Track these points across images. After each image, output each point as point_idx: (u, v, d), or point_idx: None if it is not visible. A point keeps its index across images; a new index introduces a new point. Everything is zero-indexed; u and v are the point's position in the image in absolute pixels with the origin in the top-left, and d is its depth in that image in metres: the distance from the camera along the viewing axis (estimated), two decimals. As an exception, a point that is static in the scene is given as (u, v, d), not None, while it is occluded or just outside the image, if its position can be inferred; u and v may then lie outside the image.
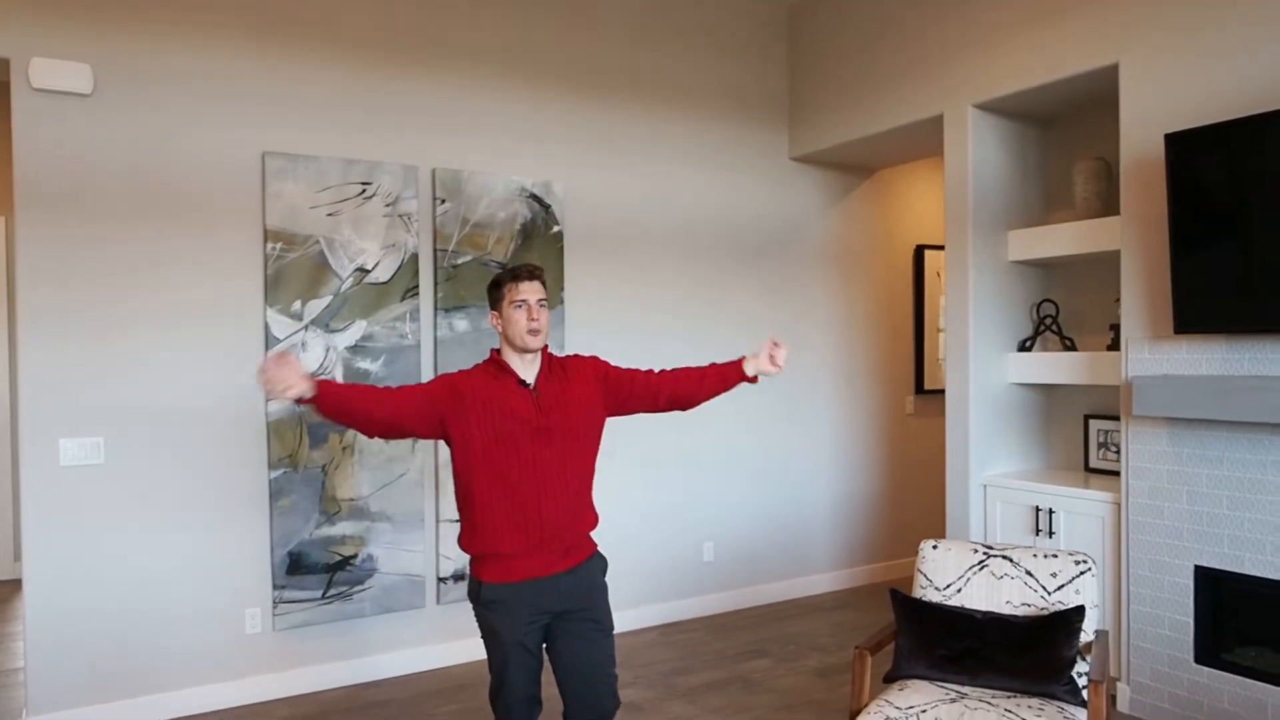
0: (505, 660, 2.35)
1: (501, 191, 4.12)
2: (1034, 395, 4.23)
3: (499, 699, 2.40)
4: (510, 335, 2.37)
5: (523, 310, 2.34)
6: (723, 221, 4.83)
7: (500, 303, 2.38)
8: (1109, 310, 3.98)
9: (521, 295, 2.35)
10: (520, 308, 2.34)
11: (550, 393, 2.40)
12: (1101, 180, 3.83)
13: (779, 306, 5.02)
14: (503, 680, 2.37)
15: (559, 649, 2.40)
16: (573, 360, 2.51)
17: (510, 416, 2.32)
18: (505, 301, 2.36)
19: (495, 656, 2.38)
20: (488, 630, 2.37)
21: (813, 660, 4.10)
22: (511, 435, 2.31)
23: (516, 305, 2.35)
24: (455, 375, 2.37)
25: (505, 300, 2.36)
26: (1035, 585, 2.78)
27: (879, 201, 5.40)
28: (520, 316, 2.34)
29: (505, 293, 2.37)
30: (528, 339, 2.34)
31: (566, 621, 2.39)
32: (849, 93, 4.62)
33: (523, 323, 2.34)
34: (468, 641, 4.09)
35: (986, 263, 4.06)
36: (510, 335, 2.37)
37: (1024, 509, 3.85)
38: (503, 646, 2.35)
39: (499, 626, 2.33)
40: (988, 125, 4.06)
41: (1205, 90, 3.17)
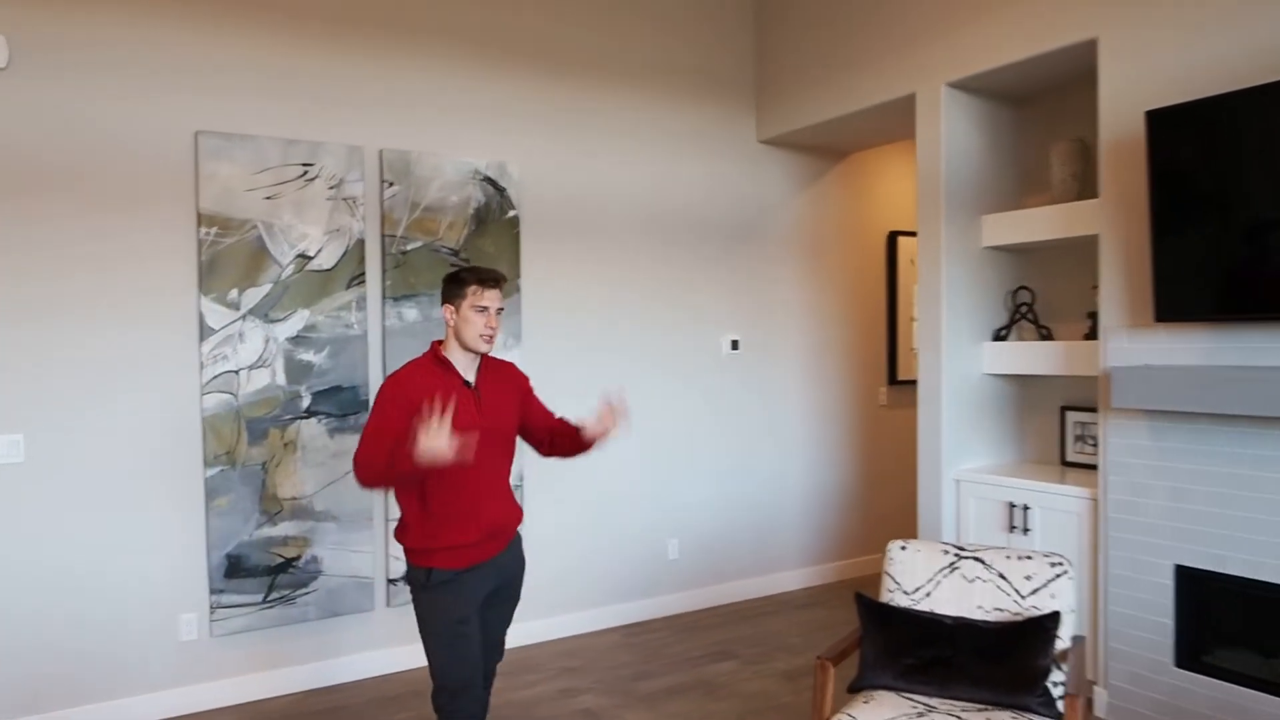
0: (454, 638, 2.37)
1: (453, 174, 3.91)
2: (1009, 386, 4.09)
3: (447, 688, 2.39)
4: (464, 336, 2.40)
5: (483, 316, 2.39)
6: (688, 206, 4.65)
7: (459, 301, 2.40)
8: (1086, 298, 3.84)
9: (485, 301, 2.39)
10: (481, 312, 2.39)
11: (488, 393, 2.49)
12: (1079, 162, 3.68)
13: (747, 294, 4.85)
14: (450, 662, 2.37)
15: (484, 619, 2.54)
16: (504, 365, 2.61)
17: (458, 418, 2.37)
18: (466, 302, 2.39)
19: (441, 641, 2.38)
20: (436, 614, 2.38)
21: (780, 662, 3.95)
22: (458, 435, 2.33)
23: (478, 309, 2.39)
24: (402, 386, 2.35)
25: (466, 300, 2.39)
26: (1009, 589, 2.63)
27: (851, 186, 5.24)
28: (479, 321, 2.39)
29: (468, 293, 2.39)
30: (480, 343, 2.41)
31: (498, 595, 2.55)
32: (818, 71, 4.44)
33: (480, 327, 2.39)
34: (421, 645, 3.91)
35: (960, 249, 3.90)
36: (464, 336, 2.40)
37: (998, 505, 3.71)
38: (452, 625, 2.37)
39: (451, 605, 2.37)
40: (961, 105, 3.90)
41: (1187, 66, 3.01)
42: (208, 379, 3.42)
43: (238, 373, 3.47)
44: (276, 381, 3.54)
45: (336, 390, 3.66)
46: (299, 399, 3.59)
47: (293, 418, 3.58)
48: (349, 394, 3.69)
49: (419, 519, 2.41)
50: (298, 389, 3.58)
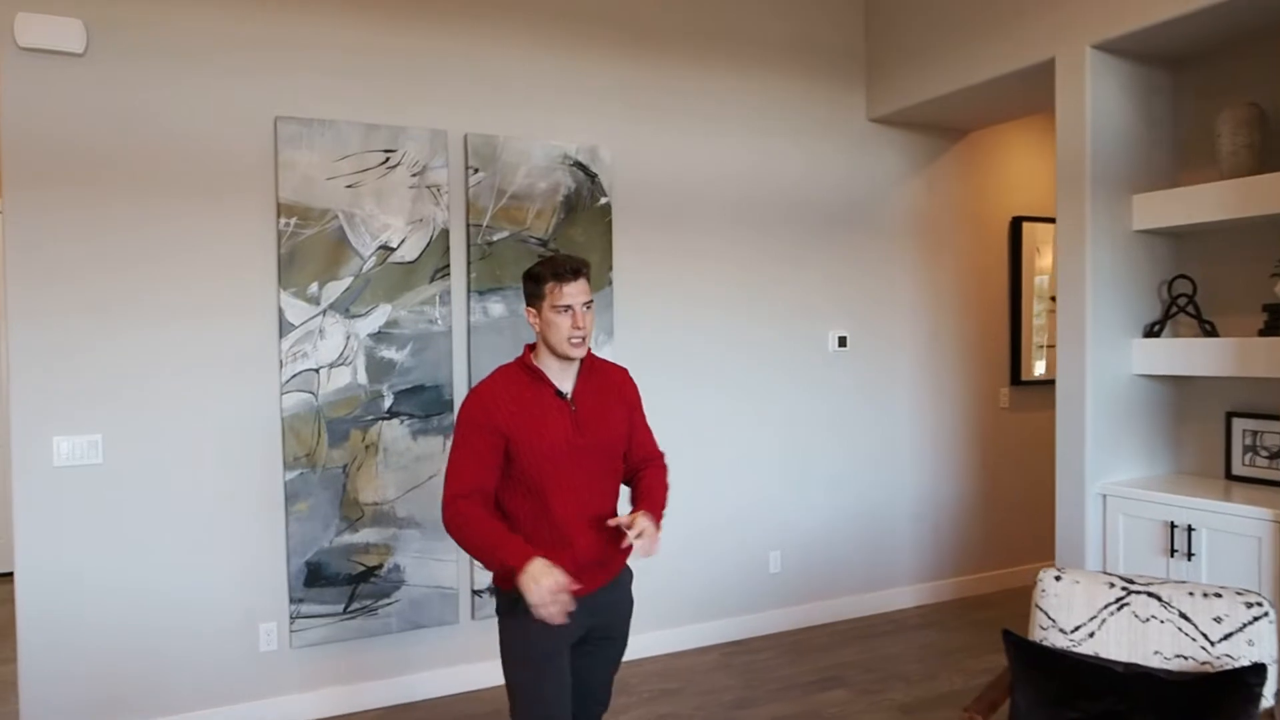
0: (538, 674, 2.07)
1: (541, 159, 3.66)
2: (1162, 389, 3.60)
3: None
4: (551, 341, 2.09)
5: (567, 316, 2.06)
6: (792, 191, 4.29)
7: (539, 302, 2.09)
8: (1261, 287, 3.33)
9: (566, 299, 2.06)
10: (564, 313, 2.06)
11: (588, 406, 2.16)
12: (1254, 130, 3.18)
13: (855, 286, 4.46)
14: (531, 700, 2.07)
15: (577, 665, 2.23)
16: (612, 369, 2.27)
17: (548, 434, 2.07)
18: (545, 303, 2.07)
19: (523, 675, 2.09)
20: (520, 643, 2.09)
21: (897, 693, 3.57)
22: (549, 455, 2.07)
23: (560, 310, 2.06)
24: (485, 403, 2.05)
25: (545, 301, 2.07)
26: (1194, 633, 2.21)
27: (970, 167, 4.78)
28: (564, 323, 2.06)
29: (546, 292, 2.07)
30: (570, 349, 2.08)
31: (592, 637, 2.22)
32: (937, 40, 4.02)
33: (566, 330, 2.06)
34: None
35: (1106, 232, 3.44)
36: (551, 341, 2.09)
37: (1154, 525, 3.25)
38: (536, 659, 2.08)
39: (538, 636, 2.06)
40: (1109, 69, 3.43)
41: None
42: (287, 377, 3.25)
43: (318, 371, 3.29)
44: (358, 380, 3.35)
45: (419, 390, 3.46)
46: (381, 399, 3.39)
47: (374, 418, 3.38)
48: (432, 394, 3.47)
49: None
50: (379, 388, 3.39)
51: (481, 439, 2.02)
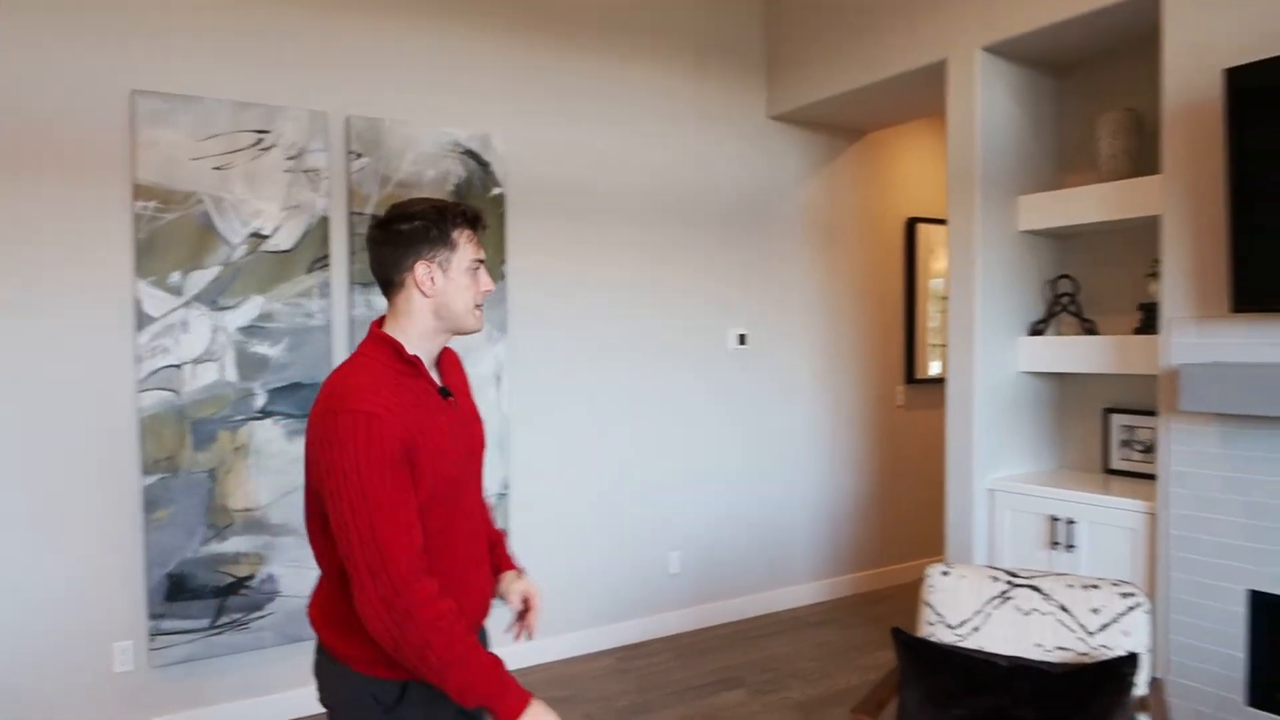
0: None
1: (430, 146, 3.50)
2: (1046, 386, 3.69)
3: None
4: (454, 310, 1.53)
5: (481, 275, 1.55)
6: (691, 187, 4.24)
7: (448, 255, 1.51)
8: (1138, 287, 3.44)
9: (480, 254, 1.56)
10: (478, 269, 1.55)
11: (461, 401, 1.65)
12: (1131, 135, 3.28)
13: (756, 284, 4.44)
14: None
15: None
16: (448, 351, 1.70)
17: (448, 447, 1.53)
18: (456, 257, 1.52)
19: None
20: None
21: (794, 691, 3.55)
22: (451, 474, 1.54)
23: (472, 268, 1.54)
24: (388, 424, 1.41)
25: (456, 255, 1.52)
26: (1072, 624, 2.23)
27: (868, 168, 4.84)
28: (475, 285, 1.54)
29: (460, 242, 1.52)
30: (476, 321, 1.56)
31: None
32: (834, 38, 4.03)
33: (475, 294, 1.54)
34: (391, 673, 3.50)
35: (995, 233, 3.50)
36: (454, 310, 1.53)
37: (1038, 518, 3.31)
38: None
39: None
40: (998, 73, 3.49)
41: (1272, 16, 2.61)
42: (145, 374, 3.00)
43: (180, 367, 3.05)
44: (226, 377, 3.13)
45: (296, 388, 3.25)
46: (252, 397, 3.17)
47: (245, 418, 3.16)
48: (310, 392, 3.27)
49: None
50: (251, 386, 3.17)
51: (402, 476, 1.42)
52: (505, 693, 1.44)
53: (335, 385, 1.45)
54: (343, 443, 1.39)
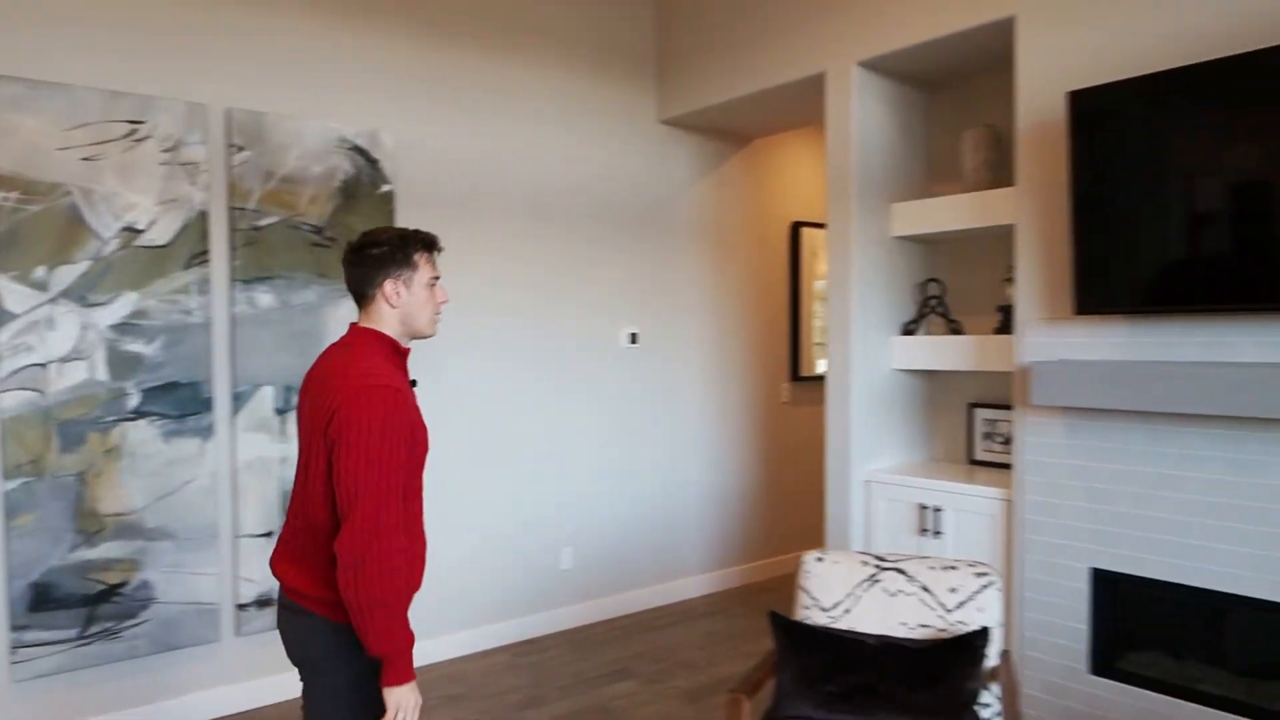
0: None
1: (316, 141, 3.44)
2: (917, 382, 3.92)
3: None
4: (418, 320, 1.88)
5: (438, 290, 1.91)
6: (585, 188, 4.30)
7: (411, 274, 1.86)
8: (998, 290, 3.70)
9: (436, 272, 1.91)
10: (436, 286, 1.90)
11: None
12: (991, 149, 3.53)
13: (647, 284, 4.54)
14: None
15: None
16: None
17: (425, 433, 1.87)
18: (419, 275, 1.87)
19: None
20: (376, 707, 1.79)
21: (682, 680, 3.66)
22: (422, 458, 1.86)
23: (432, 284, 1.89)
24: (410, 410, 1.75)
25: (419, 274, 1.86)
26: (933, 603, 2.41)
27: (755, 173, 5.01)
28: (433, 298, 1.90)
29: (420, 263, 1.87)
30: (434, 328, 1.92)
31: None
32: (723, 47, 4.17)
33: (434, 306, 1.90)
34: (277, 678, 3.43)
35: (870, 238, 3.70)
36: (418, 320, 1.88)
37: (909, 507, 3.53)
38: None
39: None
40: (873, 86, 3.69)
41: (1112, 45, 2.87)
42: (6, 374, 2.85)
43: (46, 366, 2.92)
44: (96, 377, 3.00)
45: (173, 387, 3.15)
46: (125, 397, 3.06)
47: (117, 419, 3.04)
48: (188, 391, 3.17)
49: None
50: (123, 386, 3.05)
51: (403, 454, 1.71)
52: (404, 655, 1.68)
53: (352, 367, 1.74)
54: (370, 407, 1.67)
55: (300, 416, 1.84)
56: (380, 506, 1.65)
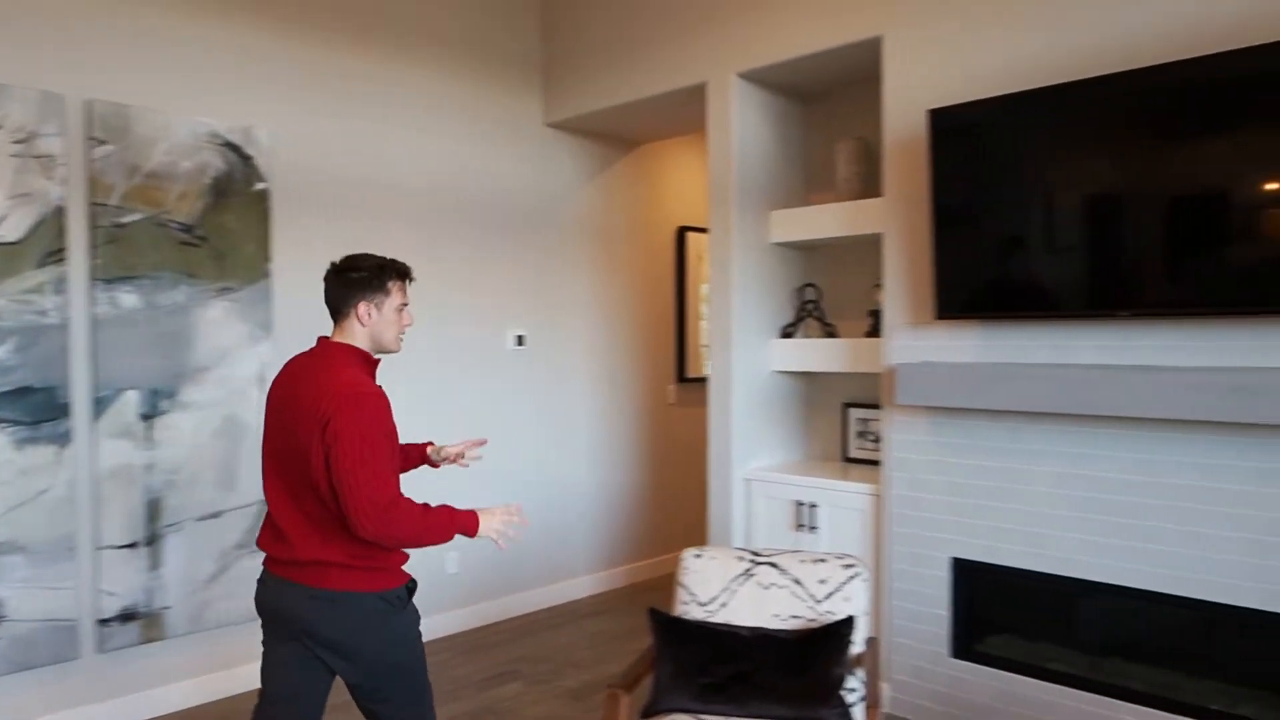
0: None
1: (186, 136, 3.31)
2: (796, 383, 4.07)
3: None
4: (385, 338, 2.16)
5: (405, 314, 2.19)
6: (469, 189, 4.28)
7: (382, 298, 2.13)
8: (869, 295, 3.88)
9: (406, 299, 2.19)
10: (403, 311, 2.19)
11: None
12: (863, 161, 3.71)
13: (534, 287, 4.56)
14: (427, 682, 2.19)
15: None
16: None
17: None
18: (390, 300, 2.14)
19: (421, 661, 2.16)
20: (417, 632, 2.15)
21: (569, 679, 3.69)
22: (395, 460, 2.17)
23: (400, 309, 2.17)
24: (385, 402, 2.03)
25: (391, 299, 2.14)
26: (804, 594, 2.52)
27: (641, 178, 5.09)
28: (400, 321, 2.18)
29: (393, 290, 2.15)
30: (398, 345, 2.21)
31: None
32: (608, 54, 4.23)
33: (399, 328, 2.19)
34: (143, 695, 3.28)
35: (750, 244, 3.83)
36: (385, 338, 2.16)
37: (786, 504, 3.66)
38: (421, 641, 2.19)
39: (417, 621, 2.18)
40: (752, 97, 3.82)
41: (970, 67, 3.07)
42: None
43: (-122, 371, 2.71)
44: (-62, 382, 2.81)
45: (26, 392, 2.97)
46: (-29, 403, 2.87)
47: (-38, 427, 2.85)
48: (42, 397, 3.00)
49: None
50: (-31, 391, 2.86)
51: (389, 444, 2.01)
52: (459, 525, 2.06)
53: (337, 378, 2.00)
54: (359, 412, 1.95)
55: (278, 422, 2.08)
56: (379, 487, 1.94)
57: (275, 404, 2.11)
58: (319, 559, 2.01)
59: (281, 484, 2.07)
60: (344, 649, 2.03)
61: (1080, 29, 2.82)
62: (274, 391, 2.13)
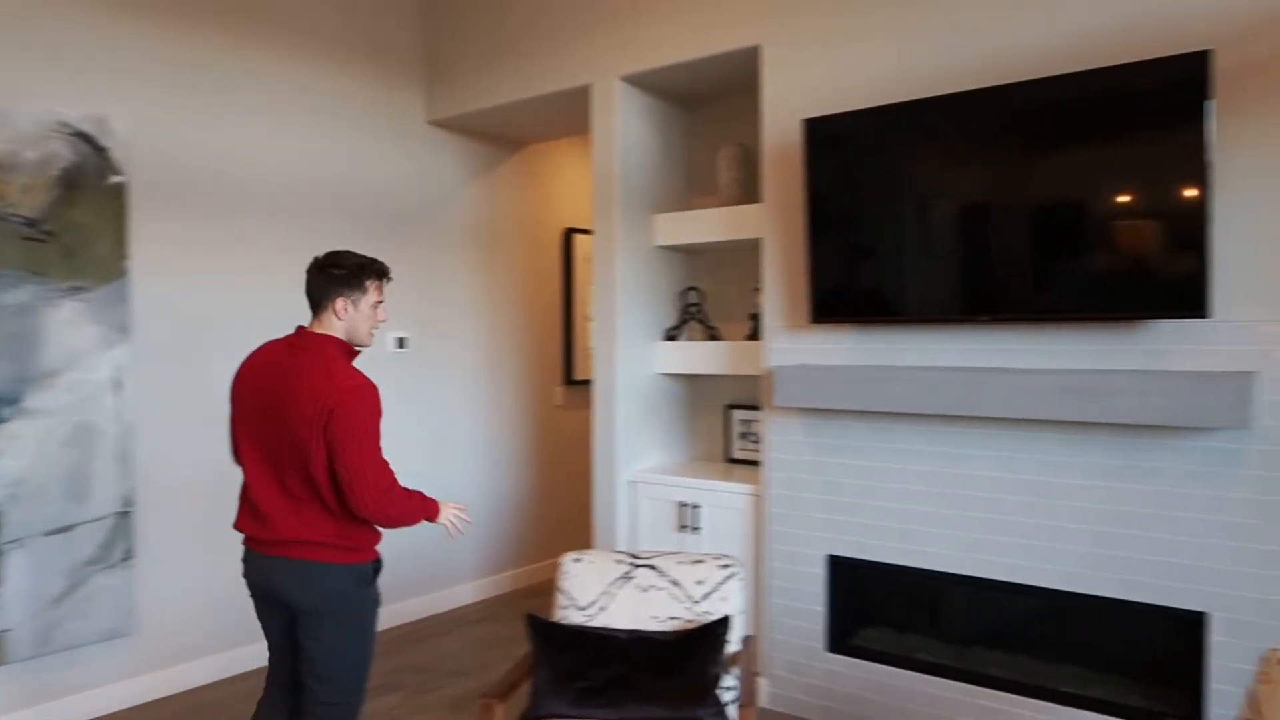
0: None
1: (29, 125, 3.09)
2: (680, 385, 4.11)
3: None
4: (360, 332, 2.32)
5: (380, 311, 2.35)
6: (346, 186, 4.14)
7: (360, 296, 2.29)
8: (750, 299, 3.96)
9: (381, 297, 2.34)
10: (379, 308, 2.34)
11: None
12: (743, 167, 3.78)
13: (416, 288, 4.45)
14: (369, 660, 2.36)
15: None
16: None
17: None
18: (368, 298, 2.30)
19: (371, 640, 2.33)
20: (374, 609, 2.33)
21: (450, 689, 3.62)
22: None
23: (377, 306, 2.33)
24: (377, 396, 2.22)
25: (369, 297, 2.30)
26: (682, 595, 2.54)
27: (528, 179, 5.04)
28: (375, 317, 2.34)
29: (370, 289, 2.30)
30: (370, 339, 2.36)
31: None
32: (493, 52, 4.17)
33: (375, 324, 2.34)
34: (51, 704, 3.04)
35: (634, 247, 3.85)
36: (360, 332, 2.32)
37: (669, 505, 3.70)
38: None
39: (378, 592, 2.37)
40: (636, 101, 3.84)
41: (845, 78, 3.17)
42: None
43: None
44: None
45: None
46: None
47: None
48: None
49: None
50: None
51: (377, 431, 2.21)
52: (426, 511, 2.30)
53: (335, 371, 2.19)
54: (360, 406, 2.15)
55: (261, 407, 2.22)
56: (379, 473, 2.16)
57: (254, 389, 2.24)
58: (301, 538, 2.20)
59: (265, 468, 2.22)
60: (313, 609, 2.22)
61: (951, 45, 2.95)
62: (250, 377, 2.27)
